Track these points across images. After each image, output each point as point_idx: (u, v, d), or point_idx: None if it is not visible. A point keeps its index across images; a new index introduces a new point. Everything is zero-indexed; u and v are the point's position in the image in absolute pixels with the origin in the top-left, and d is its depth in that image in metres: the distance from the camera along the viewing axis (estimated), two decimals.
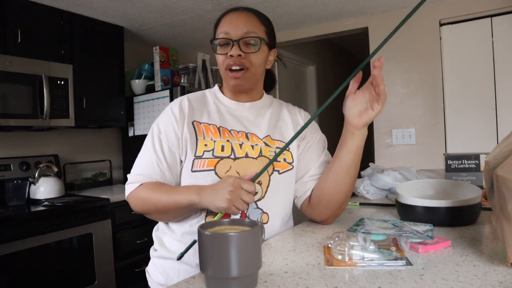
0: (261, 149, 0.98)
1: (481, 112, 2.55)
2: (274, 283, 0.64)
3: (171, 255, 0.94)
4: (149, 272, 1.01)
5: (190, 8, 2.53)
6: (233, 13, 1.00)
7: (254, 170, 0.93)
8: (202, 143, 0.94)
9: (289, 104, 1.16)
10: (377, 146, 2.92)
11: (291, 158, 1.02)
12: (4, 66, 2.03)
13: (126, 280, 2.32)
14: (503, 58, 2.48)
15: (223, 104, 1.04)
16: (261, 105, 1.06)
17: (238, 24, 0.97)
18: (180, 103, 1.00)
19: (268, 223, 0.96)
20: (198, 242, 0.62)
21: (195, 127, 0.97)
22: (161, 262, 0.97)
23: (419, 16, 2.70)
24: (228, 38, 0.96)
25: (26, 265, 1.84)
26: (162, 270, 0.96)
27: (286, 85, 3.64)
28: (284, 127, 1.06)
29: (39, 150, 2.56)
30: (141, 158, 0.99)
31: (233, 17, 0.99)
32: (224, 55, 0.96)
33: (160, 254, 0.97)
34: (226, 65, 0.96)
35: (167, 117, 0.99)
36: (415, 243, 0.77)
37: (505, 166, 0.65)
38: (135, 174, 0.97)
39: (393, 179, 1.37)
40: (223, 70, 0.98)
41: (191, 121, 0.97)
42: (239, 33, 0.96)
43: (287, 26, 3.09)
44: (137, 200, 0.95)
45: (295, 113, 1.12)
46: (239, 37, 0.95)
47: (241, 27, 0.96)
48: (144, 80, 2.96)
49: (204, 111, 1.01)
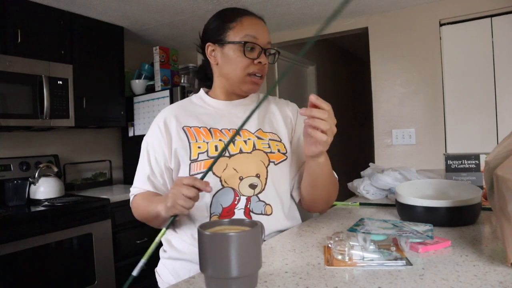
0: (254, 143, 0.99)
1: (481, 112, 2.55)
2: (274, 283, 0.64)
3: (181, 255, 0.95)
4: (158, 273, 1.03)
5: (190, 8, 2.53)
6: (253, 17, 1.02)
7: (250, 165, 0.95)
8: (196, 146, 0.96)
9: (275, 98, 1.19)
10: (377, 146, 2.92)
11: (285, 149, 1.03)
12: (4, 66, 2.03)
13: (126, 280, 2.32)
14: (503, 58, 2.48)
15: (210, 105, 1.06)
16: (248, 102, 1.08)
17: (263, 31, 1.00)
18: (164, 117, 1.03)
19: (272, 215, 0.97)
20: (198, 242, 0.62)
21: (186, 132, 0.98)
22: (171, 263, 0.98)
23: (419, 16, 2.72)
24: (257, 44, 0.97)
25: (26, 265, 1.84)
26: (172, 271, 0.97)
27: (286, 85, 3.65)
28: (274, 119, 1.08)
29: (39, 150, 2.56)
30: (137, 171, 1.06)
31: (256, 22, 1.00)
32: (250, 60, 0.97)
33: (170, 255, 0.98)
34: (251, 70, 0.98)
35: (153, 130, 1.04)
36: (415, 243, 0.77)
37: (505, 166, 0.65)
38: (132, 187, 1.06)
39: (393, 179, 1.37)
40: (243, 74, 0.98)
41: (181, 127, 1.00)
42: (265, 41, 0.99)
43: (287, 26, 3.09)
44: (134, 209, 1.04)
45: (283, 105, 1.14)
46: (265, 45, 0.98)
47: (266, 36, 1.00)
48: (144, 80, 2.96)
49: (191, 116, 1.03)
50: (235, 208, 0.94)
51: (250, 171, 0.96)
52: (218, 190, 0.94)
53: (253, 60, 0.97)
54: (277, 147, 1.02)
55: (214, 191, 0.94)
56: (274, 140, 1.03)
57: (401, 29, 2.78)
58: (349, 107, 4.94)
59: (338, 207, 1.29)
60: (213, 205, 0.94)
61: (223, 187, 0.94)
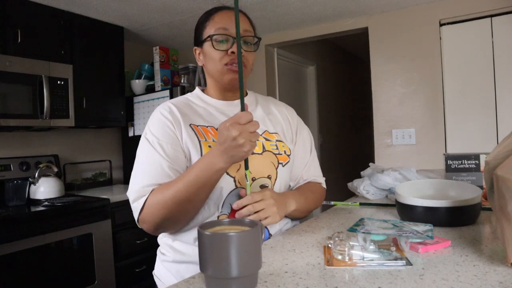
0: (263, 145, 0.99)
1: (481, 112, 2.55)
2: (274, 283, 0.64)
3: (187, 258, 0.92)
4: (158, 276, 0.99)
5: (190, 8, 2.53)
6: (225, 11, 1.00)
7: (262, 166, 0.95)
8: (206, 145, 0.93)
9: (274, 99, 1.19)
10: (377, 146, 2.92)
11: (289, 151, 1.04)
12: (4, 66, 2.03)
13: (126, 280, 2.32)
14: (503, 58, 2.48)
15: (211, 105, 1.03)
16: (249, 102, 1.07)
17: None
18: (170, 107, 0.97)
19: None
20: (198, 242, 0.62)
21: (194, 130, 0.94)
22: (175, 266, 0.95)
23: (419, 16, 2.72)
24: (228, 34, 0.95)
25: (26, 265, 1.84)
26: (176, 274, 0.94)
27: (286, 85, 3.65)
28: (275, 120, 1.08)
29: (39, 150, 2.56)
30: (143, 170, 0.90)
31: (228, 15, 0.98)
32: (224, 52, 0.95)
33: (174, 258, 0.95)
34: (226, 61, 0.95)
35: (160, 123, 0.94)
36: (415, 243, 0.77)
37: (505, 166, 0.65)
38: (141, 187, 0.88)
39: (393, 179, 1.37)
40: (220, 66, 0.96)
41: (188, 124, 0.95)
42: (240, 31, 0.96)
43: (287, 26, 3.09)
44: (154, 209, 0.86)
45: (282, 107, 1.15)
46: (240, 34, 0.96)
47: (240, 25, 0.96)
48: (144, 80, 2.96)
49: (195, 115, 0.99)
50: None
51: (262, 172, 0.96)
52: (231, 190, 0.92)
53: (226, 51, 0.95)
54: (283, 148, 1.02)
55: (228, 191, 0.92)
56: (280, 141, 1.03)
57: (401, 29, 2.78)
58: (349, 107, 4.94)
59: (338, 207, 1.29)
60: (225, 204, 0.92)
61: (236, 188, 0.92)
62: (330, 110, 4.36)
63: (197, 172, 0.83)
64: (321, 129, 4.06)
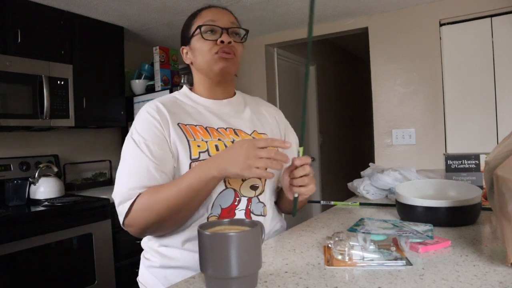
0: None
1: (481, 112, 2.55)
2: (274, 283, 0.64)
3: (174, 263, 0.90)
4: (143, 283, 0.96)
5: (190, 8, 2.51)
6: (213, 8, 1.01)
7: None
8: (195, 145, 0.91)
9: (259, 98, 1.19)
10: (377, 146, 2.92)
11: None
12: (4, 66, 2.03)
13: (126, 280, 2.32)
14: (503, 58, 2.48)
15: (200, 103, 1.02)
16: (237, 102, 1.08)
17: (224, 15, 0.99)
18: (157, 106, 0.94)
19: (267, 216, 0.98)
20: (198, 242, 0.62)
21: (182, 129, 0.93)
22: (162, 272, 0.92)
23: (419, 16, 2.72)
24: (216, 25, 0.96)
25: (26, 265, 1.84)
26: (164, 280, 0.91)
27: (286, 85, 3.65)
28: (264, 120, 1.08)
29: (39, 150, 2.56)
30: (129, 172, 0.87)
31: (216, 10, 1.00)
32: (213, 42, 0.96)
33: (162, 263, 0.92)
34: (215, 50, 0.95)
35: (147, 122, 0.91)
36: (415, 243, 0.77)
37: (505, 166, 0.65)
38: (127, 190, 0.85)
39: (393, 179, 1.37)
40: (210, 56, 0.96)
41: (175, 123, 0.93)
42: (226, 23, 0.97)
43: (287, 26, 3.09)
44: (141, 214, 0.84)
45: (271, 108, 1.15)
46: (227, 26, 0.96)
47: (227, 18, 0.98)
48: (144, 80, 2.96)
49: (183, 113, 0.97)
50: (236, 209, 0.92)
51: None
52: (222, 191, 0.91)
53: (215, 41, 0.95)
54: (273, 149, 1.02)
55: (218, 192, 0.91)
56: None
57: (401, 29, 2.78)
58: (349, 107, 4.94)
59: (338, 207, 1.29)
60: (214, 205, 0.90)
61: (226, 188, 0.92)
62: (330, 110, 4.36)
63: (190, 179, 0.82)
64: (321, 129, 4.06)
